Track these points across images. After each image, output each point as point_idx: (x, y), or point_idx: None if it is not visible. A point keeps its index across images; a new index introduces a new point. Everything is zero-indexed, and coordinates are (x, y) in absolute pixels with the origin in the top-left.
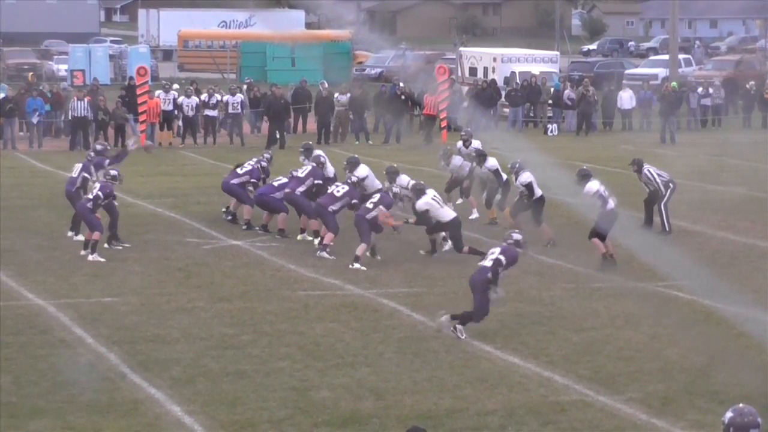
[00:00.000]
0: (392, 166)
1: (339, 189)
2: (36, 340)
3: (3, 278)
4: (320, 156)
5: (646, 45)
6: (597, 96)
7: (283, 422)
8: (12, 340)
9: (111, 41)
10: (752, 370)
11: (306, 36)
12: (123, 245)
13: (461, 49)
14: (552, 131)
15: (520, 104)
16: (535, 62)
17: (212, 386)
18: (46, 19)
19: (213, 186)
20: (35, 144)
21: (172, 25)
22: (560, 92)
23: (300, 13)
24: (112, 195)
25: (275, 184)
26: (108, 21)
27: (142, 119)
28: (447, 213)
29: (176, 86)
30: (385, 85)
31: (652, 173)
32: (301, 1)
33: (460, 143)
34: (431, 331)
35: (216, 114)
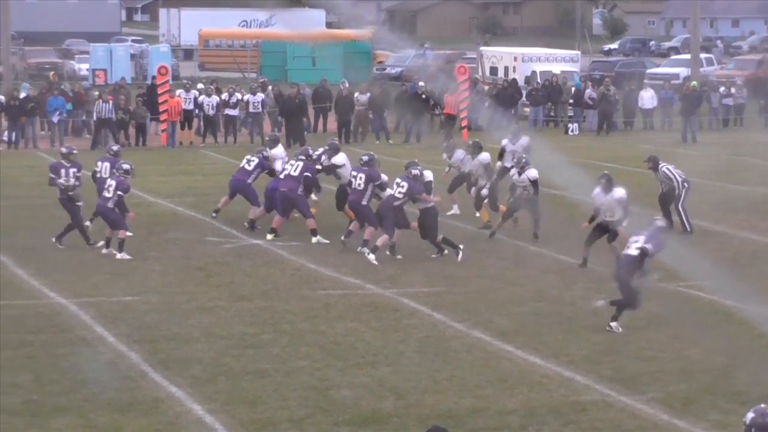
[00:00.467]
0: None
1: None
2: (57, 339)
3: (24, 277)
4: (308, 148)
5: (668, 44)
6: (618, 95)
7: (304, 421)
8: (33, 339)
9: (132, 40)
10: None
11: (326, 35)
12: (60, 246)
13: (482, 49)
14: (573, 131)
15: (541, 104)
16: (556, 62)
17: (233, 385)
18: (68, 19)
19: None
20: (56, 143)
21: (193, 25)
22: (581, 92)
23: (321, 13)
24: (129, 190)
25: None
26: (129, 20)
27: (163, 118)
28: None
29: (200, 86)
30: (406, 85)
31: (671, 170)
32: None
33: (506, 140)
34: (451, 331)
35: (237, 113)
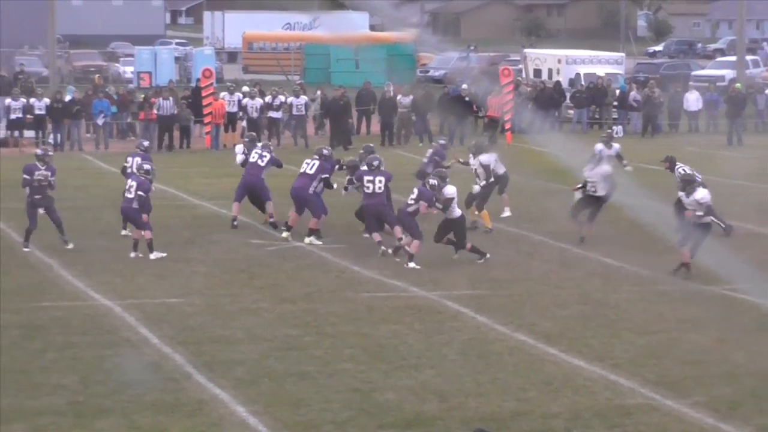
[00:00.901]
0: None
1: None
2: (102, 340)
3: (69, 278)
4: (323, 148)
5: (713, 46)
6: (662, 98)
7: (347, 423)
8: (78, 340)
9: (176, 43)
10: None
11: (369, 38)
12: (27, 248)
13: (525, 51)
14: (617, 133)
15: (585, 106)
16: (600, 64)
17: (276, 387)
18: (112, 22)
19: (276, 188)
20: (101, 146)
21: (237, 27)
22: (625, 94)
23: (364, 16)
24: (150, 190)
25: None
26: (173, 23)
27: (207, 121)
28: (457, 209)
29: (245, 88)
30: (449, 87)
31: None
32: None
33: (601, 145)
34: (495, 334)
35: (280, 116)
